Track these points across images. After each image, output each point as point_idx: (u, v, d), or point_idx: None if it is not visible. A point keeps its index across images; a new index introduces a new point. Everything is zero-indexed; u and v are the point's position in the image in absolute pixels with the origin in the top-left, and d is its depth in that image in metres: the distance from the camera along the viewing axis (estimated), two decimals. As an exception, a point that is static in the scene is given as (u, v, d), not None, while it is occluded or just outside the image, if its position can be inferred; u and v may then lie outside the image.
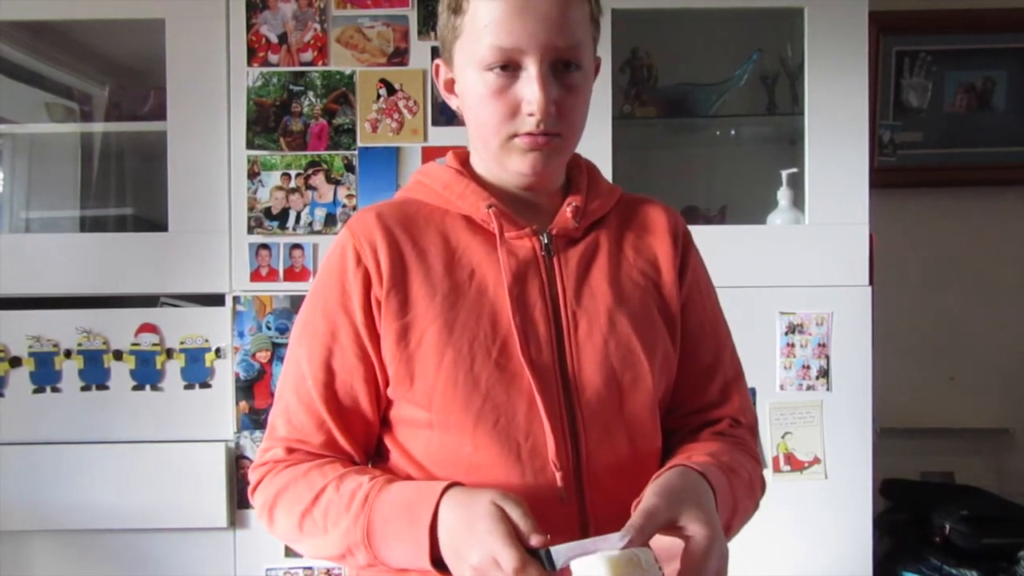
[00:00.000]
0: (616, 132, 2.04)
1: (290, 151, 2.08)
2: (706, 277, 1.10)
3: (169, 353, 2.07)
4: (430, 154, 2.05)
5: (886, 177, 2.40)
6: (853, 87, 2.06)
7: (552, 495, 0.92)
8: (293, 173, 2.08)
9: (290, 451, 0.98)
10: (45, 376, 2.07)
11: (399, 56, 2.09)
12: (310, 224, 2.08)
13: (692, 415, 1.05)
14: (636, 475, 0.92)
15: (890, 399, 2.22)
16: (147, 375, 2.07)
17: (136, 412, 2.06)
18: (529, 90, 0.93)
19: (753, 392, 1.96)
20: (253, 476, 1.01)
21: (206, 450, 2.04)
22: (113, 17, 2.10)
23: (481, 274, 0.97)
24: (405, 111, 2.08)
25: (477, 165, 1.05)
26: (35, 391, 2.07)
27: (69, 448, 2.04)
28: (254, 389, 2.06)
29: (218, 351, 2.07)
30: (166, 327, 2.07)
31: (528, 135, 0.95)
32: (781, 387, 2.05)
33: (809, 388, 2.05)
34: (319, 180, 2.08)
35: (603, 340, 0.96)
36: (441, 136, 2.07)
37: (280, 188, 2.08)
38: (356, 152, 2.09)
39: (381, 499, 0.90)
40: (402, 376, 0.95)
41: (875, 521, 2.08)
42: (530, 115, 0.94)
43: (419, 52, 2.08)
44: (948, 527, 2.08)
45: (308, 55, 2.09)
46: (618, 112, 2.15)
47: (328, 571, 2.06)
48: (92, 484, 2.02)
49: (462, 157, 1.06)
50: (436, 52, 1.08)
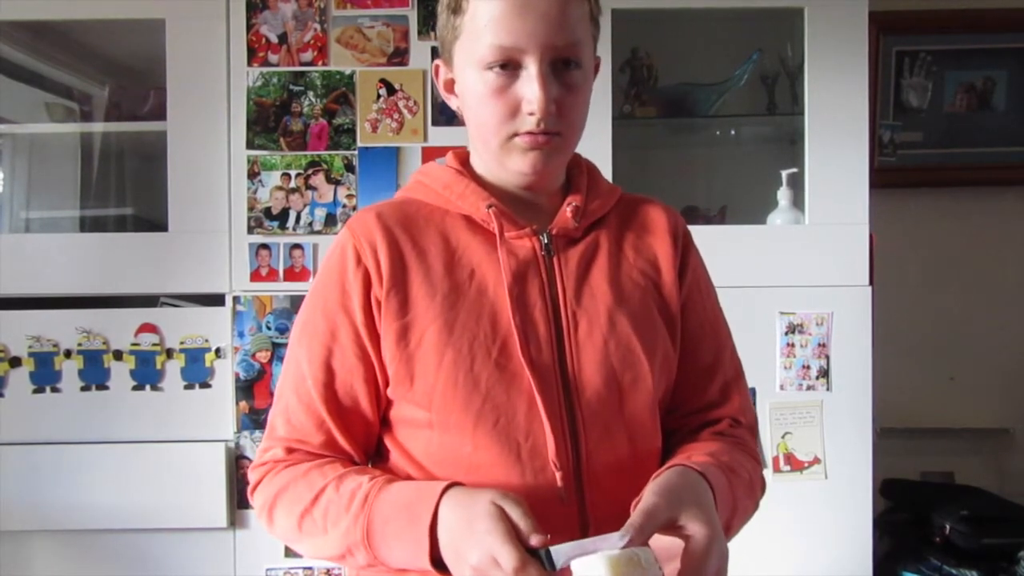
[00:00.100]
0: (616, 132, 2.04)
1: (290, 151, 2.08)
2: (706, 277, 1.10)
3: (169, 353, 2.07)
4: (430, 154, 2.05)
5: (886, 177, 2.40)
6: (853, 87, 2.06)
7: (552, 495, 0.92)
8: (293, 173, 2.08)
9: (290, 451, 0.98)
10: (45, 376, 2.07)
11: (399, 56, 2.09)
12: (310, 224, 2.08)
13: (692, 415, 1.05)
14: (636, 475, 0.92)
15: (890, 399, 2.22)
16: (147, 375, 2.07)
17: (136, 412, 2.06)
18: (529, 89, 0.93)
19: (753, 392, 1.95)
20: (253, 476, 1.01)
21: (206, 450, 2.04)
22: (113, 17, 2.10)
23: (481, 274, 0.97)
24: (405, 111, 2.08)
25: (477, 165, 1.05)
26: (35, 391, 2.07)
27: (69, 448, 2.04)
28: (254, 389, 2.06)
29: (218, 351, 2.07)
30: (166, 327, 2.07)
31: (528, 134, 0.95)
32: (781, 387, 2.05)
33: (809, 388, 2.05)
34: (319, 180, 2.08)
35: (603, 340, 0.96)
36: (441, 136, 2.07)
37: (280, 188, 2.08)
38: (356, 152, 2.08)
39: (381, 499, 0.89)
40: (402, 376, 0.95)
41: (875, 521, 2.08)
42: (530, 114, 0.94)
43: (419, 52, 2.08)
44: (948, 527, 2.08)
45: (308, 55, 2.09)
46: (618, 112, 2.15)
47: (328, 571, 2.06)
48: (92, 484, 2.02)
49: (462, 157, 1.06)
50: (436, 52, 1.08)
